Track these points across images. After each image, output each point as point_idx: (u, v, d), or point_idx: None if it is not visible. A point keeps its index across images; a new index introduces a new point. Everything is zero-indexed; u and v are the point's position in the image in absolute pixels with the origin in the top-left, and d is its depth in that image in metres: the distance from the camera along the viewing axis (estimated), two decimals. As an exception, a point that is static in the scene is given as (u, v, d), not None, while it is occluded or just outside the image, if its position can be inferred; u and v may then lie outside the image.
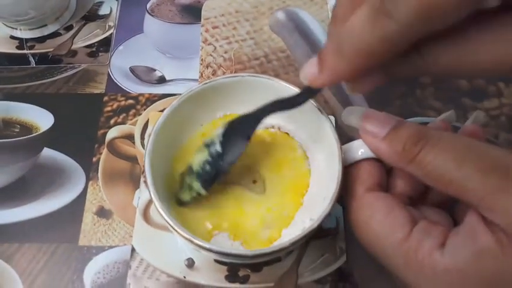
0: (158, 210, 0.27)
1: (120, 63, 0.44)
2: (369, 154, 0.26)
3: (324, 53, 0.24)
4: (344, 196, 0.27)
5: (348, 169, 0.27)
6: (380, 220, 0.25)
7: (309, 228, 0.26)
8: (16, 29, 0.45)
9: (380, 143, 0.25)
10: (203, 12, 0.46)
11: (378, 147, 0.25)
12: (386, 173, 0.27)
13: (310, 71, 0.25)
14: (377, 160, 0.26)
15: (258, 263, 0.33)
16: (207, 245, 0.26)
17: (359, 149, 0.27)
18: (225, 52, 0.44)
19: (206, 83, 0.30)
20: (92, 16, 0.47)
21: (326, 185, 0.28)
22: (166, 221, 0.26)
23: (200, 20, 0.46)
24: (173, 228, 0.26)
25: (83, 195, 0.37)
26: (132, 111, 0.41)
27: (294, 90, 0.29)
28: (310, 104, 0.29)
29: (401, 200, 0.26)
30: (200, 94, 0.30)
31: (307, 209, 0.29)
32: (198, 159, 0.28)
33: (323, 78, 0.25)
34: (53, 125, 0.40)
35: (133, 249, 0.34)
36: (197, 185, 0.28)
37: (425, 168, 0.23)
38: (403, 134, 0.24)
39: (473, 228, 0.22)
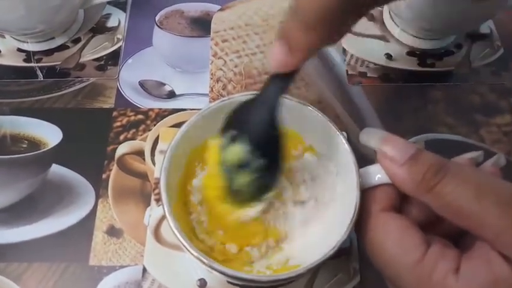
0: (172, 230, 0.26)
1: (129, 77, 0.43)
2: (386, 180, 0.26)
3: (288, 31, 0.23)
4: (359, 215, 0.27)
5: (364, 192, 0.27)
6: (395, 240, 0.24)
7: (326, 255, 0.25)
8: (23, 41, 0.44)
9: (398, 169, 0.24)
10: (212, 25, 0.46)
11: (396, 173, 0.25)
12: (401, 199, 0.27)
13: (279, 56, 0.23)
14: (394, 186, 0.26)
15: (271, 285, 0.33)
16: (219, 267, 0.25)
17: (376, 174, 0.26)
18: (235, 66, 0.43)
19: (223, 100, 0.30)
20: (100, 28, 0.46)
21: (341, 207, 0.28)
22: (180, 241, 0.26)
23: (209, 33, 0.46)
24: (187, 249, 0.26)
25: (93, 213, 0.36)
26: (142, 127, 0.40)
27: (308, 108, 0.29)
28: (330, 125, 0.29)
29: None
30: (217, 111, 0.30)
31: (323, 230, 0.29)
32: None
33: (295, 57, 0.23)
34: (61, 140, 0.39)
35: (144, 269, 0.34)
36: None
37: (443, 200, 0.23)
38: (424, 162, 0.24)
39: (487, 257, 0.22)
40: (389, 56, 0.45)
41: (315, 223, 0.30)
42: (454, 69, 0.44)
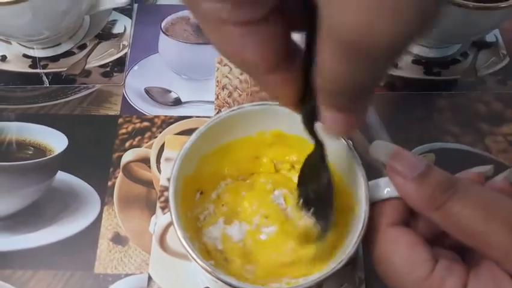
0: (180, 239, 0.26)
1: (135, 84, 0.43)
2: (395, 194, 0.26)
3: None
4: (367, 229, 0.26)
5: (373, 206, 0.27)
6: (403, 255, 0.24)
7: (333, 269, 0.25)
8: (29, 47, 0.44)
9: (407, 185, 0.24)
10: (218, 32, 0.46)
11: (405, 189, 0.25)
12: (409, 213, 0.27)
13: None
14: (403, 200, 0.26)
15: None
16: (225, 278, 0.25)
17: (385, 188, 0.26)
18: (241, 73, 0.43)
19: (233, 110, 0.30)
20: (106, 35, 0.46)
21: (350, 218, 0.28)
22: (187, 250, 0.26)
23: (215, 40, 0.45)
24: (193, 258, 0.26)
25: (98, 221, 0.36)
26: (147, 134, 0.40)
27: None
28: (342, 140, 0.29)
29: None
30: (227, 120, 0.30)
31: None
32: None
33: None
34: (67, 147, 0.39)
35: (149, 278, 0.34)
36: None
37: (451, 218, 0.23)
38: (433, 179, 0.24)
39: (494, 275, 0.22)
40: (394, 64, 0.45)
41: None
42: (460, 78, 0.44)
